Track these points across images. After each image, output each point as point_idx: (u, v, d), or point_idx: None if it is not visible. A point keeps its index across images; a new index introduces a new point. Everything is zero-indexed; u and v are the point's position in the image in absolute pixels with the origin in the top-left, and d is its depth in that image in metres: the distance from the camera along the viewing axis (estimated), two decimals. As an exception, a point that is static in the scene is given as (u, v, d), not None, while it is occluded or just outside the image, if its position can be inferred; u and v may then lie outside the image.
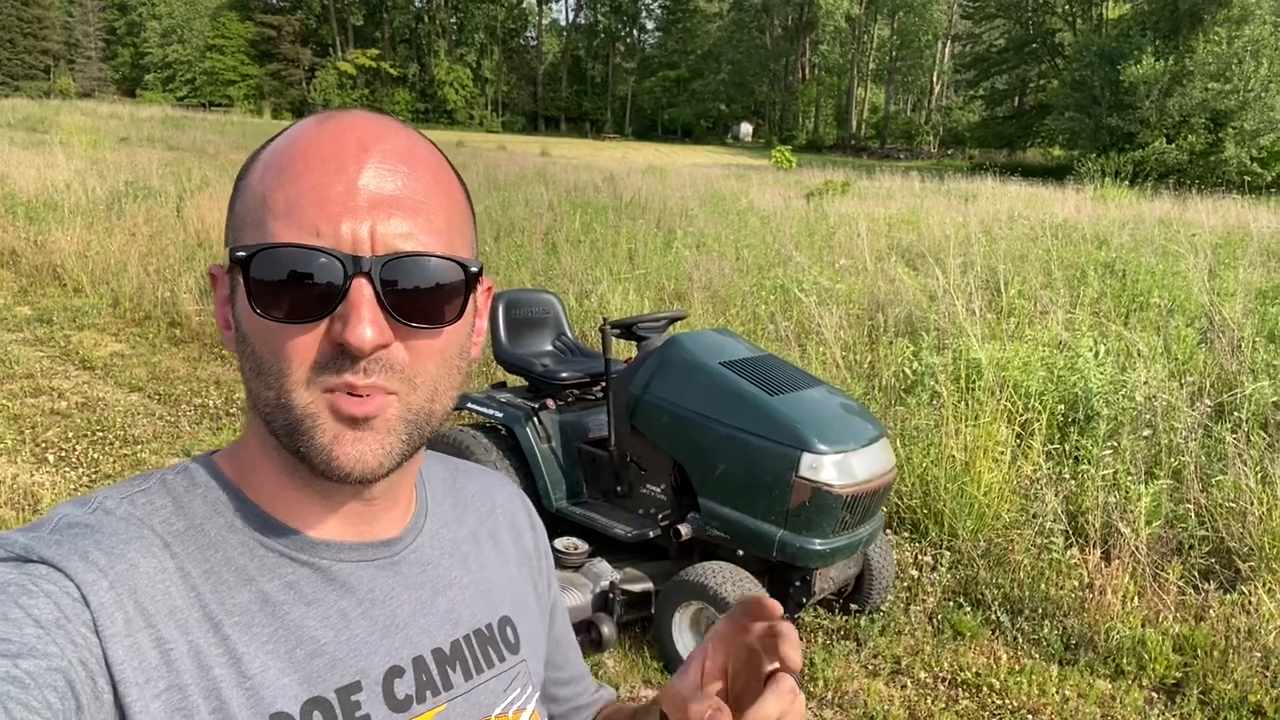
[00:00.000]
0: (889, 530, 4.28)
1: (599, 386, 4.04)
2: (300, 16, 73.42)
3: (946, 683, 3.33)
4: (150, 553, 0.59)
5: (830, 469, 3.09)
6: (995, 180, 22.65)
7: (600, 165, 26.06)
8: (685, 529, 3.32)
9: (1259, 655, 3.27)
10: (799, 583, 3.26)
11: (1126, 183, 25.51)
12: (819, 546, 3.12)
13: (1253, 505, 3.89)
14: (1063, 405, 5.04)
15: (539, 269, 8.72)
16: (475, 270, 0.63)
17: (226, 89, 70.40)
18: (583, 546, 3.35)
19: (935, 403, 4.99)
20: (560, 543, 3.34)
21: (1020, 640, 3.57)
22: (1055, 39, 51.97)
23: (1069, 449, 4.74)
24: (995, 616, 3.69)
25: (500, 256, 9.23)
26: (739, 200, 16.35)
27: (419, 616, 0.69)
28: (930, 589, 3.85)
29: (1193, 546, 3.97)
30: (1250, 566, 3.75)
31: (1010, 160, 44.44)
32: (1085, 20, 49.03)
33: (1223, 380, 5.64)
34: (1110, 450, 4.48)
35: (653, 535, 3.46)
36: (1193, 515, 4.07)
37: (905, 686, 3.29)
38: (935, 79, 66.81)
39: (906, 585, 3.89)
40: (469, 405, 4.00)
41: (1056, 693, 3.24)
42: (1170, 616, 3.56)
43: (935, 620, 3.70)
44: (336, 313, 0.58)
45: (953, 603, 3.82)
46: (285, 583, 0.63)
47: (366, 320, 0.57)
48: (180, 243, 9.67)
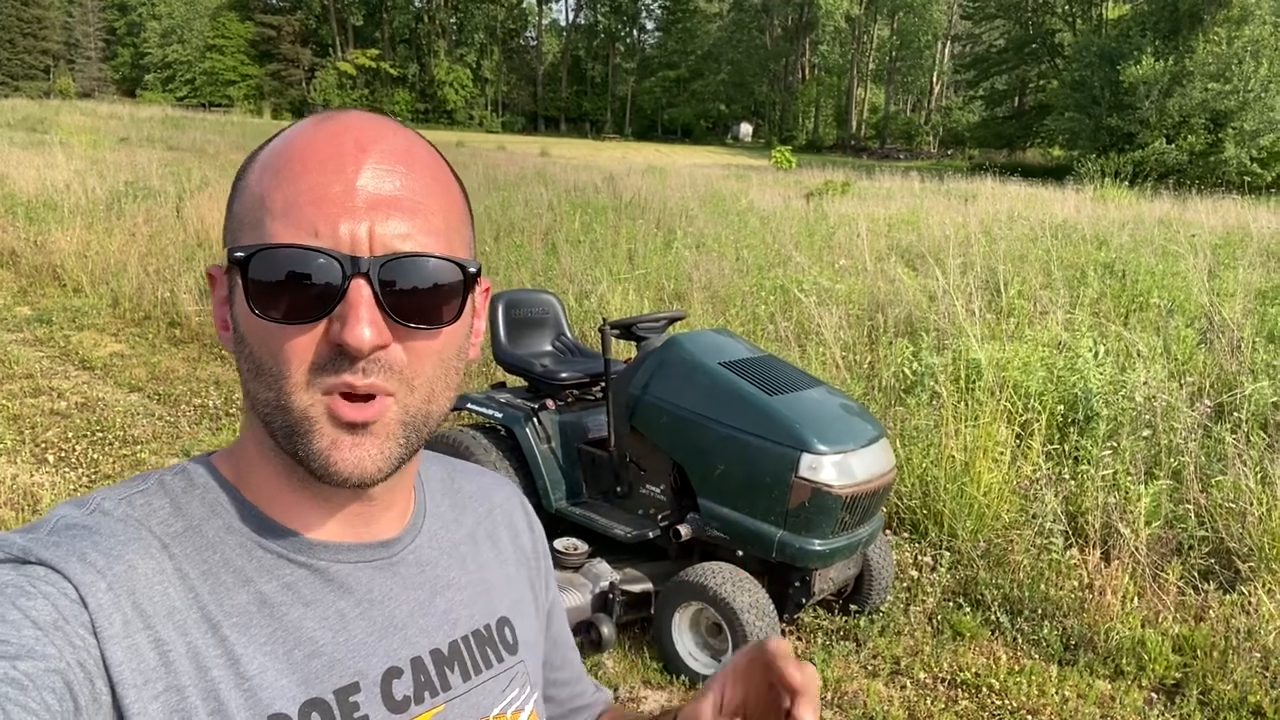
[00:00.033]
0: (889, 531, 4.28)
1: (598, 387, 4.04)
2: (300, 17, 73.42)
3: (946, 683, 3.33)
4: (148, 554, 0.59)
5: (830, 469, 3.09)
6: (995, 180, 22.65)
7: (600, 165, 26.05)
8: (685, 529, 3.32)
9: (1259, 656, 3.27)
10: (798, 583, 3.26)
11: (1126, 183, 25.50)
12: (818, 547, 3.12)
13: (1252, 506, 3.89)
14: (1062, 405, 5.04)
15: (539, 269, 8.72)
16: (473, 271, 0.63)
17: (226, 89, 70.39)
18: (582, 547, 3.35)
19: (935, 403, 4.99)
20: (560, 543, 3.34)
21: (1020, 641, 3.57)
22: (1055, 39, 51.99)
23: (1069, 449, 4.74)
24: (995, 617, 3.69)
25: (500, 257, 9.22)
26: (739, 200, 16.35)
27: (417, 617, 0.69)
28: (930, 589, 3.85)
29: (1192, 547, 3.97)
30: (1250, 567, 3.75)
31: (1010, 160, 44.43)
32: (1085, 20, 49.04)
33: (1222, 381, 5.64)
34: (1110, 451, 4.48)
35: (652, 536, 3.46)
36: (1192, 516, 4.07)
37: (905, 687, 3.29)
38: (935, 79, 66.82)
39: (906, 586, 3.89)
40: (468, 406, 4.00)
41: (1056, 693, 3.24)
42: (1170, 617, 3.56)
43: (935, 621, 3.70)
44: (335, 313, 0.58)
45: (952, 603, 3.82)
46: (283, 584, 0.63)
47: (365, 321, 0.57)
48: (180, 243, 9.67)
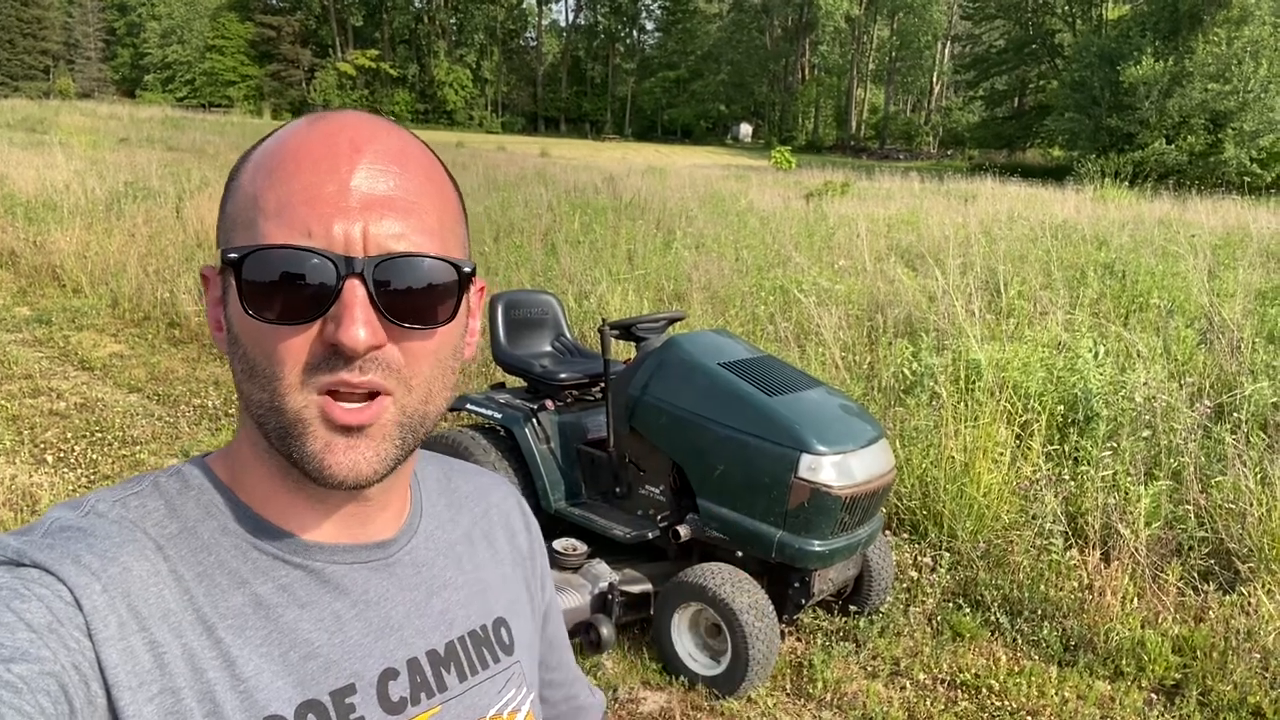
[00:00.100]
0: (888, 531, 4.28)
1: (598, 387, 4.04)
2: (300, 17, 73.42)
3: (946, 684, 3.32)
4: (143, 556, 0.59)
5: (829, 470, 3.09)
6: (995, 181, 22.65)
7: (600, 166, 26.04)
8: (684, 530, 3.32)
9: (1258, 656, 3.27)
10: (798, 584, 3.26)
11: (1126, 183, 25.48)
12: (818, 548, 3.12)
13: (1252, 506, 3.89)
14: (1062, 406, 5.04)
15: (538, 270, 8.71)
16: (468, 270, 0.63)
17: (226, 89, 70.37)
18: (581, 547, 3.35)
19: (934, 404, 4.99)
20: (559, 544, 3.33)
21: (1020, 641, 3.57)
22: (1055, 40, 52.01)
23: (1068, 450, 4.73)
24: (994, 618, 3.69)
25: (499, 257, 9.22)
26: (738, 201, 16.35)
27: (413, 618, 0.69)
28: (929, 590, 3.85)
29: (1192, 548, 3.97)
30: (1250, 567, 3.75)
31: (1010, 161, 44.44)
32: (1085, 21, 49.05)
33: (1222, 381, 5.63)
34: (1110, 451, 4.48)
35: (651, 536, 3.45)
36: (1192, 516, 4.07)
37: (904, 688, 3.28)
38: (935, 79, 66.83)
39: (906, 586, 3.88)
40: (468, 406, 4.00)
41: (1056, 694, 3.24)
42: (1170, 618, 3.56)
43: (934, 621, 3.70)
44: (329, 314, 0.58)
45: (952, 604, 3.82)
46: (279, 585, 0.63)
47: (360, 321, 0.57)
48: (179, 243, 9.66)
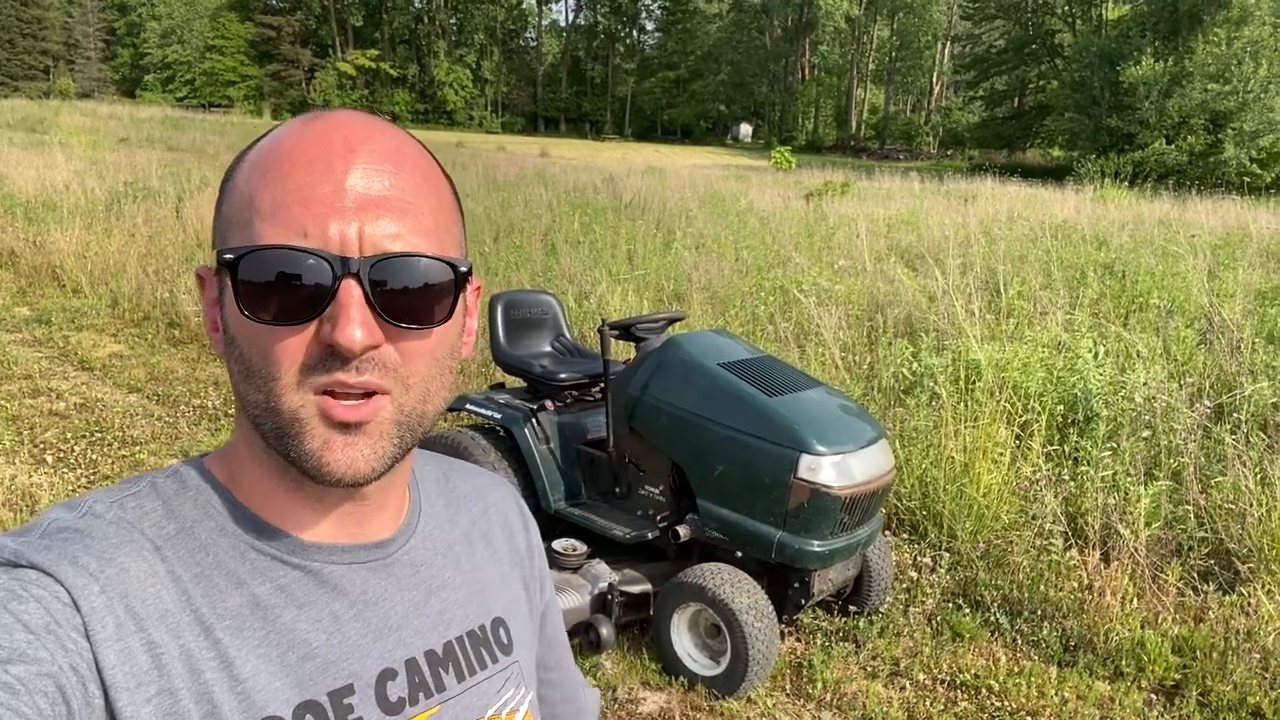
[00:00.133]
0: (888, 531, 4.28)
1: (598, 387, 4.04)
2: (300, 17, 73.43)
3: (945, 684, 3.32)
4: (141, 557, 0.59)
5: (829, 470, 3.09)
6: (995, 181, 22.65)
7: (600, 166, 26.04)
8: (684, 530, 3.32)
9: (1258, 657, 3.27)
10: (797, 584, 3.26)
11: (1126, 183, 25.47)
12: (817, 548, 3.12)
13: (1252, 507, 3.89)
14: (1062, 406, 5.04)
15: (538, 270, 8.71)
16: (464, 270, 0.63)
17: (226, 90, 70.36)
18: (581, 548, 3.35)
19: (934, 404, 4.99)
20: (559, 544, 3.33)
21: (1019, 642, 3.57)
22: (1055, 40, 52.01)
23: (1068, 450, 4.73)
24: (994, 618, 3.69)
25: (499, 257, 9.22)
26: (738, 201, 16.35)
27: (412, 618, 0.69)
28: (929, 590, 3.85)
29: (1192, 548, 3.97)
30: (1249, 568, 3.75)
31: (1010, 161, 44.42)
32: (1085, 21, 49.05)
33: (1222, 381, 5.63)
34: (1110, 451, 4.47)
35: (651, 537, 3.45)
36: (1192, 517, 4.07)
37: (904, 688, 3.28)
38: (935, 80, 66.83)
39: (905, 587, 3.88)
40: (467, 406, 4.00)
41: (1055, 694, 3.24)
42: (1169, 618, 3.56)
43: (934, 622, 3.70)
44: (325, 314, 0.57)
45: (952, 604, 3.82)
46: (277, 586, 0.63)
47: (356, 321, 0.57)
48: (179, 243, 9.66)
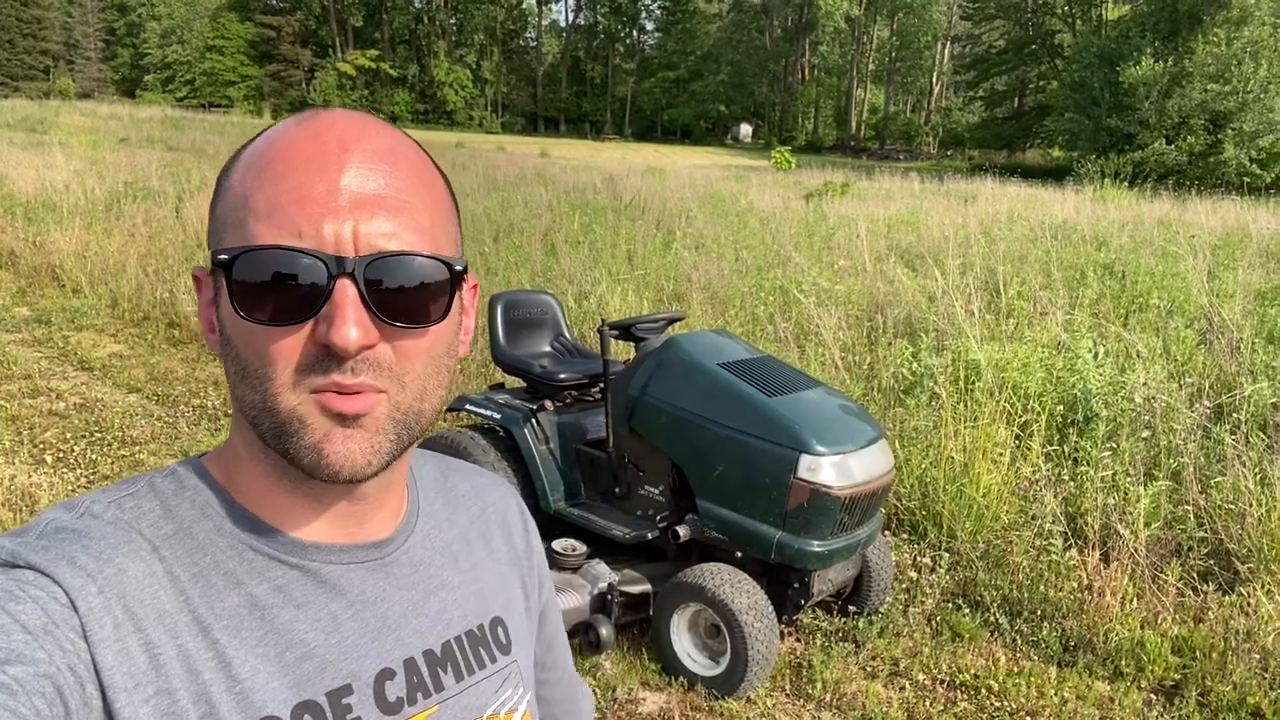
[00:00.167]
0: (888, 532, 4.28)
1: (597, 388, 4.04)
2: (300, 17, 73.44)
3: (945, 684, 3.32)
4: (139, 557, 0.59)
5: (828, 470, 3.09)
6: (995, 181, 22.65)
7: (599, 166, 26.04)
8: (683, 530, 3.32)
9: (1258, 657, 3.27)
10: (797, 584, 3.26)
11: (1126, 184, 25.46)
12: (817, 548, 3.12)
13: (1251, 507, 3.89)
14: (1062, 406, 5.04)
15: (538, 270, 8.71)
16: (459, 268, 0.62)
17: (226, 90, 70.35)
18: (581, 548, 3.35)
19: (934, 404, 4.99)
20: (558, 544, 3.33)
21: (1019, 642, 3.57)
22: (1055, 40, 52.00)
23: (1068, 450, 4.73)
24: (994, 618, 3.69)
25: (499, 257, 9.22)
26: (738, 201, 16.35)
27: (410, 618, 0.69)
28: (929, 591, 3.85)
29: (1191, 548, 3.97)
30: (1249, 568, 3.75)
31: (1010, 161, 44.42)
32: (1085, 21, 49.06)
33: (1222, 381, 5.63)
34: (1109, 451, 4.47)
35: (651, 537, 3.45)
36: (1191, 517, 4.07)
37: (904, 688, 3.28)
38: (935, 80, 66.83)
39: (905, 587, 3.88)
40: (467, 406, 3.99)
41: (1055, 694, 3.24)
42: (1169, 618, 3.56)
43: (934, 622, 3.70)
44: (321, 314, 0.57)
45: (951, 604, 3.81)
46: (274, 586, 0.63)
47: (351, 321, 0.57)
48: (179, 243, 9.66)
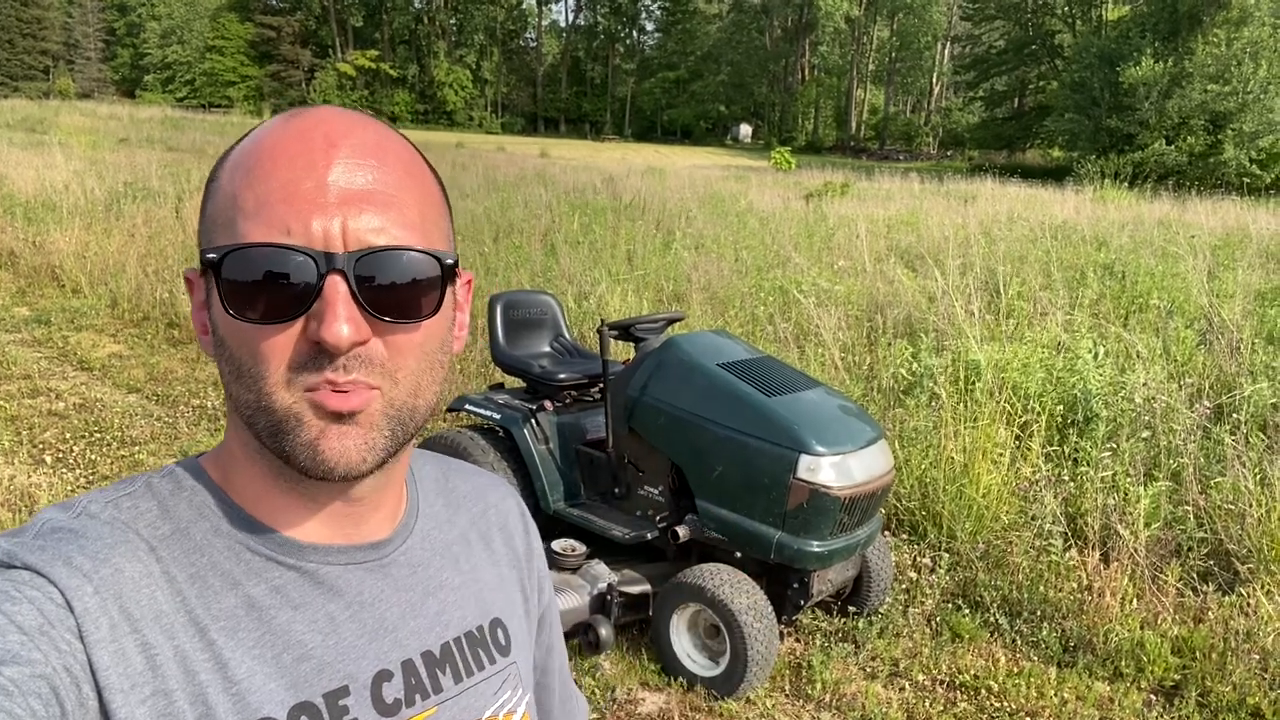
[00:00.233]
0: (887, 532, 4.28)
1: (597, 388, 4.04)
2: (300, 18, 73.45)
3: (945, 685, 3.32)
4: (135, 557, 0.59)
5: (828, 471, 3.08)
6: (995, 181, 22.64)
7: (599, 166, 26.03)
8: (683, 531, 3.31)
9: (1257, 657, 3.27)
10: (797, 585, 3.26)
11: (1126, 184, 25.44)
12: (817, 548, 3.12)
13: (1251, 507, 3.89)
14: (1062, 407, 5.03)
15: (538, 270, 8.71)
16: (450, 262, 0.62)
17: (226, 90, 70.36)
18: (580, 548, 3.35)
19: (934, 404, 4.99)
20: (558, 544, 3.33)
21: (1019, 642, 3.57)
22: (1055, 40, 52.00)
23: (1068, 451, 4.73)
24: (994, 619, 3.68)
25: (499, 258, 9.21)
26: (738, 201, 16.35)
27: (408, 619, 0.69)
28: (929, 591, 3.84)
29: (1191, 548, 3.97)
30: (1249, 568, 3.75)
31: (1010, 161, 44.38)
32: (1085, 22, 49.07)
33: (1222, 382, 5.63)
34: (1109, 452, 4.47)
35: (650, 537, 3.45)
36: (1191, 517, 4.07)
37: (903, 689, 3.28)
38: (935, 80, 66.83)
39: (905, 587, 3.88)
40: (466, 407, 3.99)
41: (1055, 695, 3.24)
42: (1169, 618, 3.56)
43: (934, 622, 3.69)
44: (312, 311, 0.57)
45: (951, 605, 3.81)
46: (272, 587, 0.63)
47: (342, 317, 0.56)
48: (179, 244, 9.65)
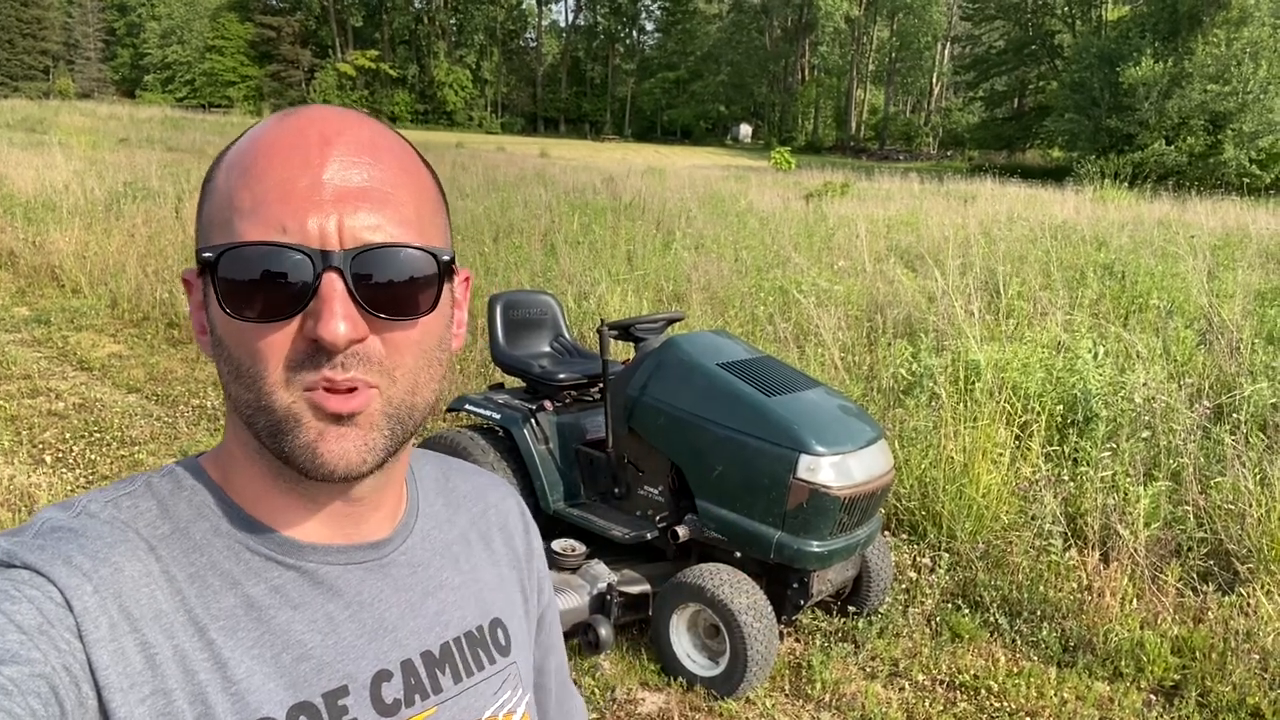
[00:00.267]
0: (887, 532, 4.28)
1: (597, 388, 4.04)
2: (300, 18, 73.43)
3: (944, 685, 3.32)
4: (135, 556, 0.59)
5: (828, 471, 3.08)
6: (994, 182, 22.64)
7: (599, 166, 26.04)
8: (683, 531, 3.31)
9: (1257, 657, 3.27)
10: (797, 585, 3.25)
11: (1126, 184, 25.44)
12: (816, 548, 3.12)
13: (1251, 507, 3.89)
14: (1061, 407, 5.03)
15: (538, 270, 8.71)
16: (447, 259, 0.62)
17: (226, 90, 70.36)
18: (580, 548, 3.35)
19: (934, 404, 4.99)
20: (558, 544, 3.33)
21: (1019, 642, 3.57)
22: (1055, 40, 52.01)
23: (1068, 450, 4.73)
24: (994, 618, 3.68)
25: (499, 258, 9.21)
26: (738, 201, 16.35)
27: (408, 619, 0.68)
28: (928, 591, 3.84)
29: (1191, 548, 3.97)
30: (1249, 568, 3.75)
31: (1010, 162, 44.37)
32: (1085, 22, 49.08)
33: (1221, 382, 5.63)
34: (1109, 452, 4.47)
35: (650, 537, 3.45)
36: (1191, 517, 4.07)
37: (903, 689, 3.28)
38: (935, 80, 66.83)
39: (905, 587, 3.88)
40: (466, 407, 3.99)
41: (1055, 695, 3.24)
42: (1169, 618, 3.56)
43: (933, 622, 3.69)
44: (309, 309, 0.57)
45: (951, 605, 3.81)
46: (271, 586, 0.63)
47: (339, 315, 0.56)
48: (179, 244, 9.65)
